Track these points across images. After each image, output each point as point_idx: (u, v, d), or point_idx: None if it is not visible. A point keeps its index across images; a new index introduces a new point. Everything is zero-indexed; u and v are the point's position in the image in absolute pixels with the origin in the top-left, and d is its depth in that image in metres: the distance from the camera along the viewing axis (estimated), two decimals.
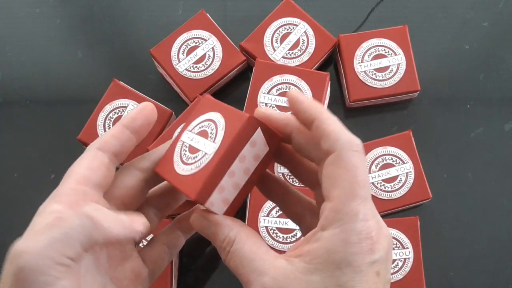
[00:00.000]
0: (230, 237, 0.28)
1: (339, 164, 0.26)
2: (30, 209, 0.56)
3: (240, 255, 0.28)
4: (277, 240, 0.44)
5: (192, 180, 0.29)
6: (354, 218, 0.25)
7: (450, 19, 0.58)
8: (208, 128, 0.31)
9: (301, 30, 0.53)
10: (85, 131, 0.50)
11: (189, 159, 0.30)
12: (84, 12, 0.59)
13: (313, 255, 0.26)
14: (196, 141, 0.31)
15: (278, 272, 0.26)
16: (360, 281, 0.25)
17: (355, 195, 0.26)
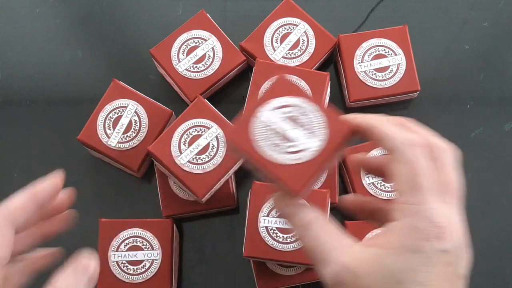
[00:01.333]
0: (311, 218, 0.30)
1: (398, 160, 0.29)
2: None
3: (321, 233, 0.30)
4: (277, 240, 0.44)
5: (293, 172, 0.30)
6: (421, 207, 0.28)
7: (450, 19, 0.58)
8: (304, 118, 0.32)
9: (301, 30, 0.53)
10: (85, 131, 0.50)
11: (283, 149, 0.31)
12: (84, 12, 0.59)
13: (386, 243, 0.28)
14: (289, 128, 0.31)
15: (358, 255, 0.28)
16: (429, 267, 0.27)
17: (419, 186, 0.28)
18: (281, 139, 0.31)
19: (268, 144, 0.31)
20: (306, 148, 0.31)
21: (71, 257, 0.53)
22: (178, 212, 0.50)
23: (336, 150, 0.31)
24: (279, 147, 0.31)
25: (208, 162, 0.46)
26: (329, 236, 0.30)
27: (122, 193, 0.53)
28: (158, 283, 0.47)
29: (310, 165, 0.31)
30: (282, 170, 0.31)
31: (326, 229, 0.30)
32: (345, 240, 0.29)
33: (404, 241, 0.28)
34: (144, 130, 0.51)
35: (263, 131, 0.32)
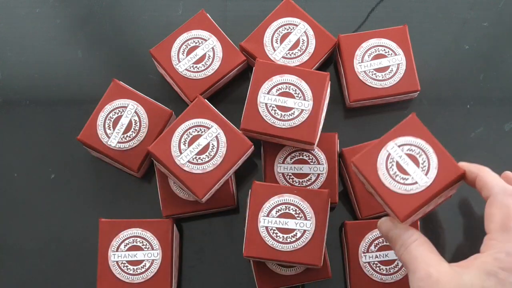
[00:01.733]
0: (412, 238, 0.37)
1: (493, 205, 0.35)
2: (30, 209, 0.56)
3: (416, 253, 0.36)
4: (277, 240, 0.44)
5: (402, 200, 0.37)
6: (506, 243, 0.33)
7: (450, 19, 0.58)
8: (419, 156, 0.38)
9: (301, 30, 0.53)
10: (85, 131, 0.50)
11: (397, 178, 0.38)
12: (84, 12, 0.59)
13: (469, 265, 0.34)
14: (406, 163, 0.38)
15: (441, 269, 0.34)
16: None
17: (508, 226, 0.33)
18: (399, 171, 0.38)
19: (387, 172, 0.38)
20: (418, 182, 0.37)
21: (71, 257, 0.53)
22: (178, 212, 0.50)
23: (444, 189, 0.37)
24: (396, 177, 0.38)
25: (208, 162, 0.46)
26: (428, 252, 0.36)
27: (122, 193, 0.53)
28: (158, 283, 0.47)
29: (418, 197, 0.37)
30: (394, 197, 0.37)
31: (426, 246, 0.37)
32: (435, 257, 0.36)
33: (484, 266, 0.33)
34: (144, 130, 0.51)
35: (386, 161, 0.38)
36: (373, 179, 0.38)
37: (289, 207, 0.45)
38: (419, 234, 0.37)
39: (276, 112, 0.47)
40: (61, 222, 0.52)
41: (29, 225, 0.52)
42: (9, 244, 0.52)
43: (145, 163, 0.51)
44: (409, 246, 0.37)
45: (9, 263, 0.52)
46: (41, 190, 0.53)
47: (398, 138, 0.39)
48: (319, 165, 0.50)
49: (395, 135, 0.39)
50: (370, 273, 0.47)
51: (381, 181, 0.38)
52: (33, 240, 0.52)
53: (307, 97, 0.47)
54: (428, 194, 0.37)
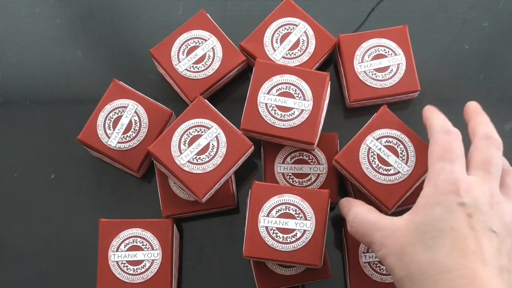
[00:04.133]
0: (355, 211, 0.39)
1: (433, 142, 0.38)
2: (30, 209, 0.56)
3: (363, 223, 0.38)
4: (277, 240, 0.44)
5: (389, 191, 0.41)
6: (440, 172, 0.35)
7: (450, 19, 0.58)
8: (397, 146, 0.41)
9: (301, 30, 0.53)
10: (85, 131, 0.50)
11: (380, 169, 0.41)
12: (84, 12, 0.59)
13: (416, 206, 0.36)
14: (386, 154, 0.41)
15: (394, 226, 0.36)
16: (450, 216, 0.33)
17: (442, 157, 0.36)
18: (381, 163, 0.40)
19: (370, 166, 0.41)
20: (400, 171, 0.40)
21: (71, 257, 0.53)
22: (178, 212, 0.50)
23: (424, 174, 0.40)
24: (379, 169, 0.40)
25: (208, 162, 0.46)
26: (374, 219, 0.37)
27: (122, 193, 0.53)
28: (158, 283, 0.47)
29: (403, 186, 0.40)
30: (380, 189, 0.40)
31: (372, 214, 0.38)
32: (385, 219, 0.37)
33: (427, 199, 0.34)
34: (144, 130, 0.51)
35: (367, 154, 0.41)
36: (358, 174, 0.41)
37: (289, 207, 0.45)
38: (360, 203, 0.41)
39: (276, 112, 0.47)
40: (61, 222, 0.52)
41: (29, 225, 0.52)
42: (9, 244, 0.52)
43: (145, 163, 0.51)
44: (354, 220, 0.39)
45: (9, 263, 0.52)
46: (41, 190, 0.53)
47: (375, 131, 0.42)
48: (319, 165, 0.50)
49: (372, 129, 0.42)
50: (370, 273, 0.47)
51: (366, 175, 0.41)
52: (33, 240, 0.52)
53: (307, 97, 0.47)
54: (411, 182, 0.40)
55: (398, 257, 0.34)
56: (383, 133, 0.41)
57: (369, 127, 0.41)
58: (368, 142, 0.41)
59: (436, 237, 0.33)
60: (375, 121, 0.42)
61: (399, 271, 0.34)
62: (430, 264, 0.32)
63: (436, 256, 0.32)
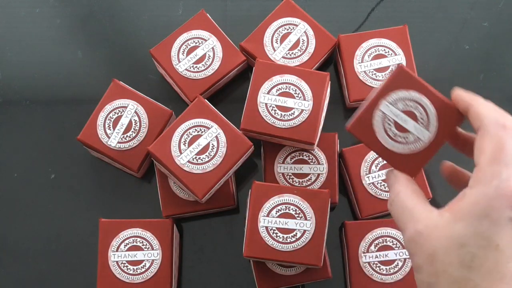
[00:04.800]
0: (396, 190, 0.34)
1: (485, 136, 0.31)
2: (30, 209, 0.56)
3: (401, 205, 0.33)
4: (277, 240, 0.44)
5: (406, 161, 0.35)
6: (496, 176, 0.29)
7: (450, 19, 0.58)
8: (416, 111, 0.36)
9: (301, 30, 0.53)
10: (85, 131, 0.50)
11: (397, 137, 0.36)
12: (84, 12, 0.59)
13: (459, 209, 0.30)
14: (403, 120, 0.36)
15: (430, 221, 0.31)
16: (496, 233, 0.29)
17: (499, 159, 0.30)
18: (398, 130, 0.35)
19: (387, 134, 0.36)
20: (420, 138, 0.35)
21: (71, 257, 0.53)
22: (178, 212, 0.50)
23: (446, 138, 0.35)
24: (396, 137, 0.36)
25: (208, 162, 0.46)
26: (413, 205, 0.33)
27: (122, 193, 0.53)
28: (158, 283, 0.47)
29: (425, 155, 0.35)
30: (400, 159, 0.35)
31: (412, 198, 0.34)
32: (425, 208, 0.33)
33: (475, 207, 0.29)
34: (144, 130, 0.51)
35: (382, 122, 0.36)
36: (373, 144, 0.36)
37: (289, 207, 0.45)
38: (409, 181, 0.35)
39: (276, 112, 0.47)
40: (61, 222, 0.52)
41: (29, 225, 0.52)
42: (9, 244, 0.52)
43: (145, 163, 0.51)
44: (394, 199, 0.34)
45: (9, 263, 0.52)
46: (41, 190, 0.53)
47: (389, 94, 0.36)
48: (319, 165, 0.50)
49: (386, 92, 0.36)
50: (370, 273, 0.47)
51: (382, 145, 0.36)
52: (33, 240, 0.52)
53: (307, 97, 0.47)
54: (433, 149, 0.35)
55: (428, 260, 0.31)
56: (400, 96, 0.36)
57: (384, 89, 0.36)
58: (383, 108, 0.36)
59: (476, 256, 0.29)
60: (390, 82, 0.36)
61: (428, 276, 0.31)
62: (465, 283, 0.29)
63: (472, 276, 0.29)
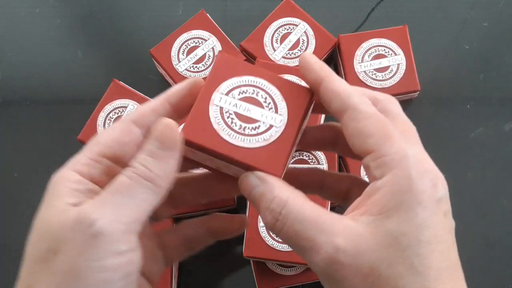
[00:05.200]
0: (281, 197, 0.24)
1: (358, 116, 0.25)
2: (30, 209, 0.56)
3: (299, 217, 0.24)
4: (277, 240, 0.44)
5: (265, 154, 0.27)
6: (404, 154, 0.23)
7: (450, 19, 0.58)
8: (259, 97, 0.28)
9: (301, 30, 0.53)
10: (85, 131, 0.50)
11: (244, 129, 0.27)
12: (84, 12, 0.59)
13: (381, 204, 0.23)
14: (247, 109, 0.28)
15: (350, 231, 0.23)
16: (433, 223, 0.23)
17: (391, 135, 0.24)
18: (244, 122, 0.28)
19: (232, 130, 0.28)
20: (270, 126, 0.28)
21: None
22: (178, 212, 0.50)
23: (304, 117, 0.28)
24: (245, 130, 0.27)
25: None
26: (315, 214, 0.24)
27: None
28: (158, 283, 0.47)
29: (283, 143, 0.27)
30: (254, 155, 0.27)
31: (308, 206, 0.24)
32: (332, 216, 0.24)
33: (402, 196, 0.23)
34: None
35: (220, 116, 0.28)
36: (219, 146, 0.27)
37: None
38: (293, 188, 0.26)
39: None
40: None
41: (29, 225, 0.52)
42: (9, 244, 0.52)
43: None
44: (284, 208, 0.24)
45: (9, 263, 0.52)
46: (41, 190, 0.53)
47: (220, 85, 0.29)
48: (319, 165, 0.50)
49: (214, 83, 0.28)
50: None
51: (231, 144, 0.27)
52: None
53: None
54: (291, 132, 0.27)
55: (365, 281, 0.22)
56: (232, 83, 0.29)
57: (211, 82, 0.28)
58: (217, 101, 0.28)
59: (422, 255, 0.22)
60: (216, 71, 0.29)
61: None
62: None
63: (427, 282, 0.22)
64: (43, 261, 0.24)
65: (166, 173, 0.25)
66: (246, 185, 0.26)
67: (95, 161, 0.26)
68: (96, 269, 0.23)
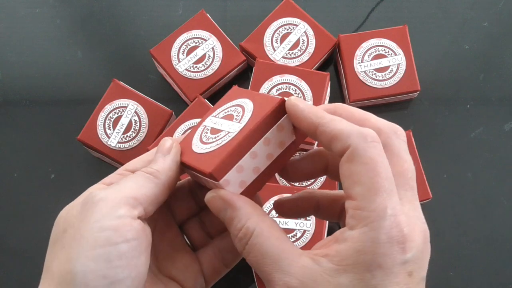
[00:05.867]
0: (248, 228, 0.26)
1: (354, 159, 0.24)
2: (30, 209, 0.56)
3: (261, 250, 0.25)
4: None
5: (210, 156, 0.27)
6: (382, 214, 0.23)
7: (450, 19, 0.58)
8: (235, 112, 0.29)
9: (301, 30, 0.53)
10: (85, 131, 0.50)
11: (209, 139, 0.28)
12: (84, 12, 0.59)
13: (342, 256, 0.24)
14: (220, 124, 0.29)
15: (304, 273, 0.24)
16: (391, 283, 0.24)
17: (378, 188, 0.24)
18: (210, 134, 0.29)
19: (196, 142, 0.29)
20: (227, 133, 0.28)
21: None
22: None
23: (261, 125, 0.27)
24: (208, 140, 0.28)
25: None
26: (276, 249, 0.25)
27: None
28: None
29: (228, 145, 0.26)
30: (200, 158, 0.27)
31: (271, 240, 0.25)
32: (293, 253, 0.25)
33: (363, 257, 0.24)
34: (144, 130, 0.51)
35: (200, 133, 0.29)
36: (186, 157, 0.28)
37: None
38: (260, 213, 0.26)
39: None
40: None
41: (29, 225, 0.52)
42: (9, 244, 0.52)
43: None
44: (251, 239, 0.25)
45: (9, 263, 0.52)
46: (41, 190, 0.53)
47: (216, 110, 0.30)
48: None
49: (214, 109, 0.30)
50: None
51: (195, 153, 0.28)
52: (33, 240, 0.52)
53: (307, 97, 0.47)
54: (240, 136, 0.26)
55: None
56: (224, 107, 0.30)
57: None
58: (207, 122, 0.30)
59: None
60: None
61: None
62: None
63: None
64: (56, 242, 0.27)
65: (164, 169, 0.28)
66: (212, 206, 0.27)
67: None
68: (96, 229, 0.25)
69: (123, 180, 0.28)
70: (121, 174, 0.29)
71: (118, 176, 0.29)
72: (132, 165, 0.30)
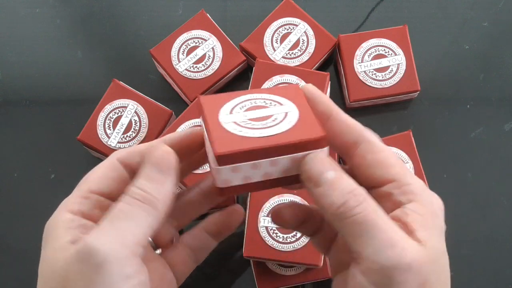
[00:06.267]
0: (362, 190, 0.25)
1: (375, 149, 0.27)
2: (30, 209, 0.56)
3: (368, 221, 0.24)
4: (277, 240, 0.44)
5: (301, 130, 0.26)
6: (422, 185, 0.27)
7: (450, 19, 0.58)
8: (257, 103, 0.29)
9: (301, 30, 0.53)
10: (85, 131, 0.50)
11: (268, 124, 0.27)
12: (84, 12, 0.59)
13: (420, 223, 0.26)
14: (255, 113, 0.28)
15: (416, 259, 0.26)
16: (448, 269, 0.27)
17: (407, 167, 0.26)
18: (261, 121, 0.27)
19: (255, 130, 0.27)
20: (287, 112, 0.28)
21: None
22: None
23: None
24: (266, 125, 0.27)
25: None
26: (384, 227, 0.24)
27: None
28: None
29: (306, 118, 0.27)
30: (294, 135, 0.26)
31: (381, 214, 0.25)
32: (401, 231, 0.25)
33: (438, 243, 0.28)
34: (144, 130, 0.51)
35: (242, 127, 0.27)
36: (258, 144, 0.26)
37: None
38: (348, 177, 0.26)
39: None
40: None
41: (29, 225, 0.52)
42: (10, 244, 0.52)
43: None
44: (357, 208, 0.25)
45: (9, 263, 0.52)
46: (41, 190, 0.53)
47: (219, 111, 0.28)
48: None
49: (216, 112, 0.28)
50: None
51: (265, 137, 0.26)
52: (33, 240, 0.52)
53: None
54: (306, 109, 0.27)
55: None
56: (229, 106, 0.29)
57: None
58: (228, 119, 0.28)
59: None
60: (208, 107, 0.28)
61: None
62: None
63: None
64: None
65: (164, 196, 0.25)
66: (316, 166, 0.25)
67: (84, 198, 0.27)
68: None
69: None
70: (86, 198, 0.26)
71: (82, 200, 0.26)
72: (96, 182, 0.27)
